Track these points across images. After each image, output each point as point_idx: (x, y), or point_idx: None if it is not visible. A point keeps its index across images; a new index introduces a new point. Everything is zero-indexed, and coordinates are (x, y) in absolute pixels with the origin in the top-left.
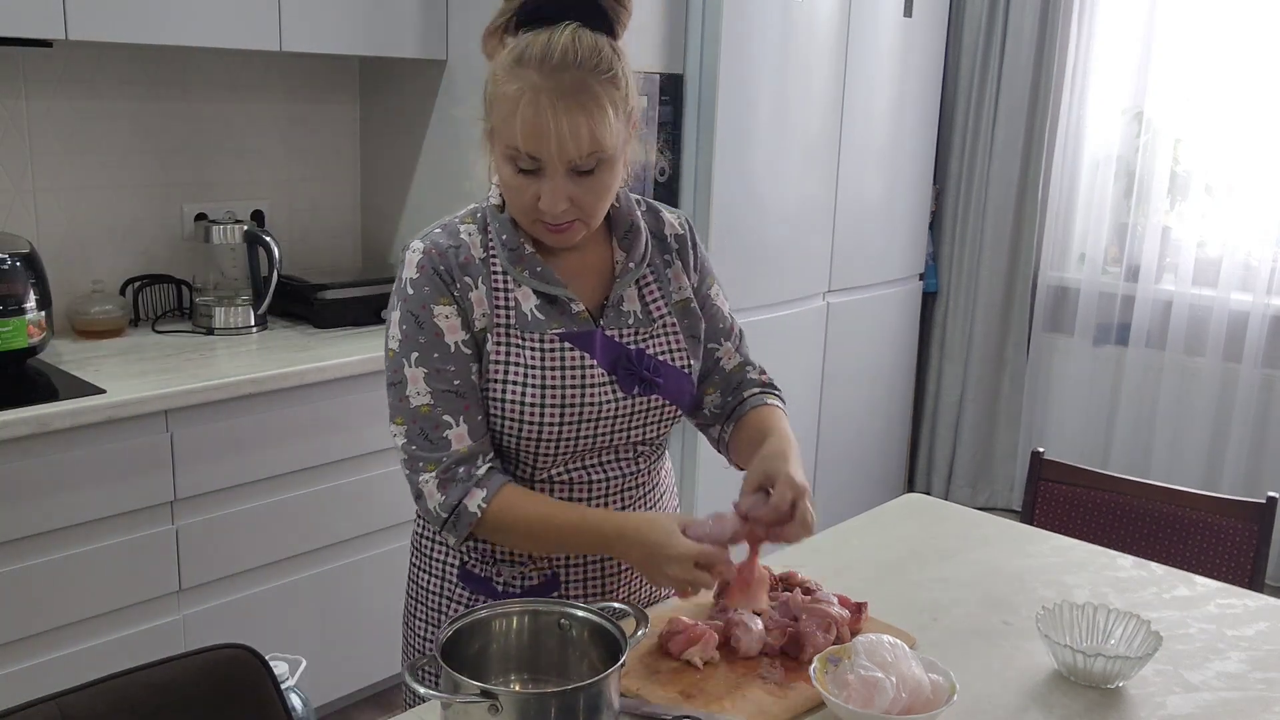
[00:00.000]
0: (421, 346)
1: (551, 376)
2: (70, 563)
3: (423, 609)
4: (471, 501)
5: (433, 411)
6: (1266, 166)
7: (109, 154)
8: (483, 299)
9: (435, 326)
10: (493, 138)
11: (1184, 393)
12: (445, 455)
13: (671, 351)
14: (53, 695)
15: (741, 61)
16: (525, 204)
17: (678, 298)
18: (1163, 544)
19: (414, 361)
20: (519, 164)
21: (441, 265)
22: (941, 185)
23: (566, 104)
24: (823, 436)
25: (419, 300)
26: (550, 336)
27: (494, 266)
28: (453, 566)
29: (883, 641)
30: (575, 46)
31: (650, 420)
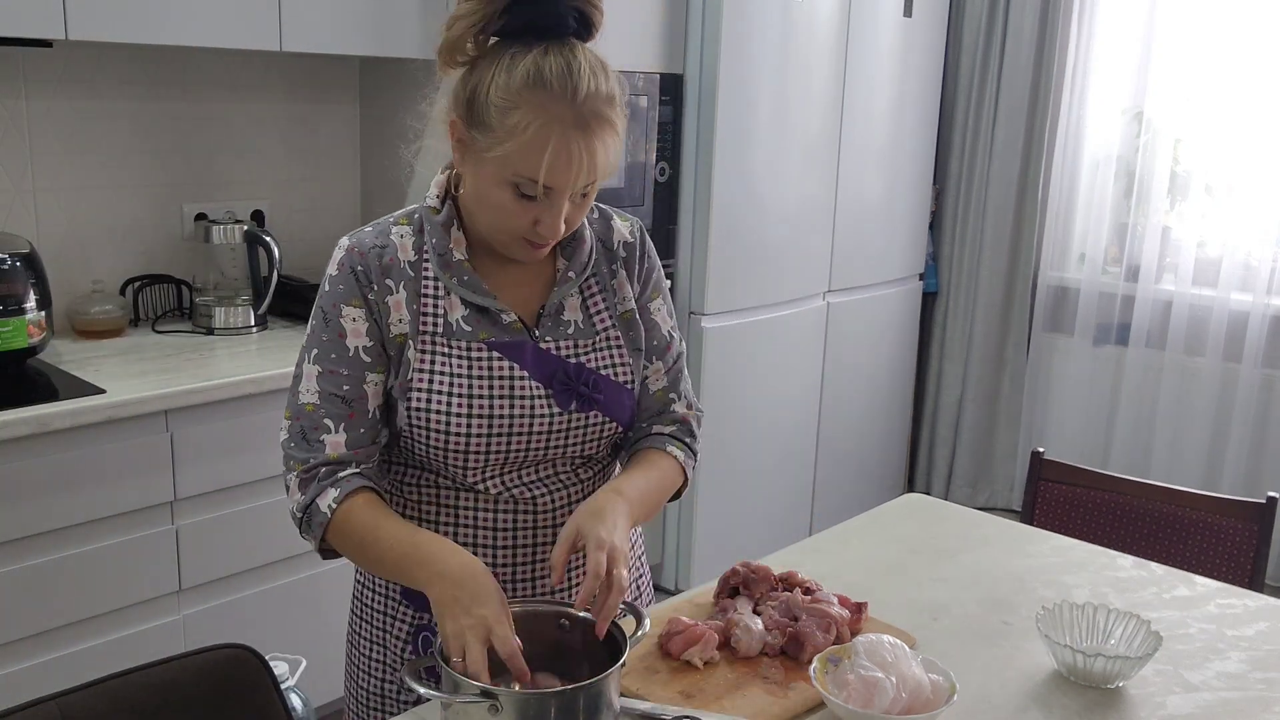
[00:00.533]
0: (322, 344)
1: (478, 386)
2: (70, 563)
3: (367, 628)
4: (324, 501)
5: (315, 412)
6: (1266, 166)
7: (109, 154)
8: (401, 304)
9: (340, 327)
10: (488, 159)
11: (1184, 393)
12: (313, 458)
13: (614, 365)
14: (53, 695)
15: (741, 61)
16: (518, 226)
17: (622, 309)
18: (1163, 544)
19: (312, 358)
20: (525, 191)
21: (360, 265)
22: (941, 185)
23: (590, 136)
24: (823, 436)
25: (331, 298)
26: (477, 345)
27: (426, 271)
28: (395, 586)
29: (883, 641)
30: (594, 75)
31: (589, 437)
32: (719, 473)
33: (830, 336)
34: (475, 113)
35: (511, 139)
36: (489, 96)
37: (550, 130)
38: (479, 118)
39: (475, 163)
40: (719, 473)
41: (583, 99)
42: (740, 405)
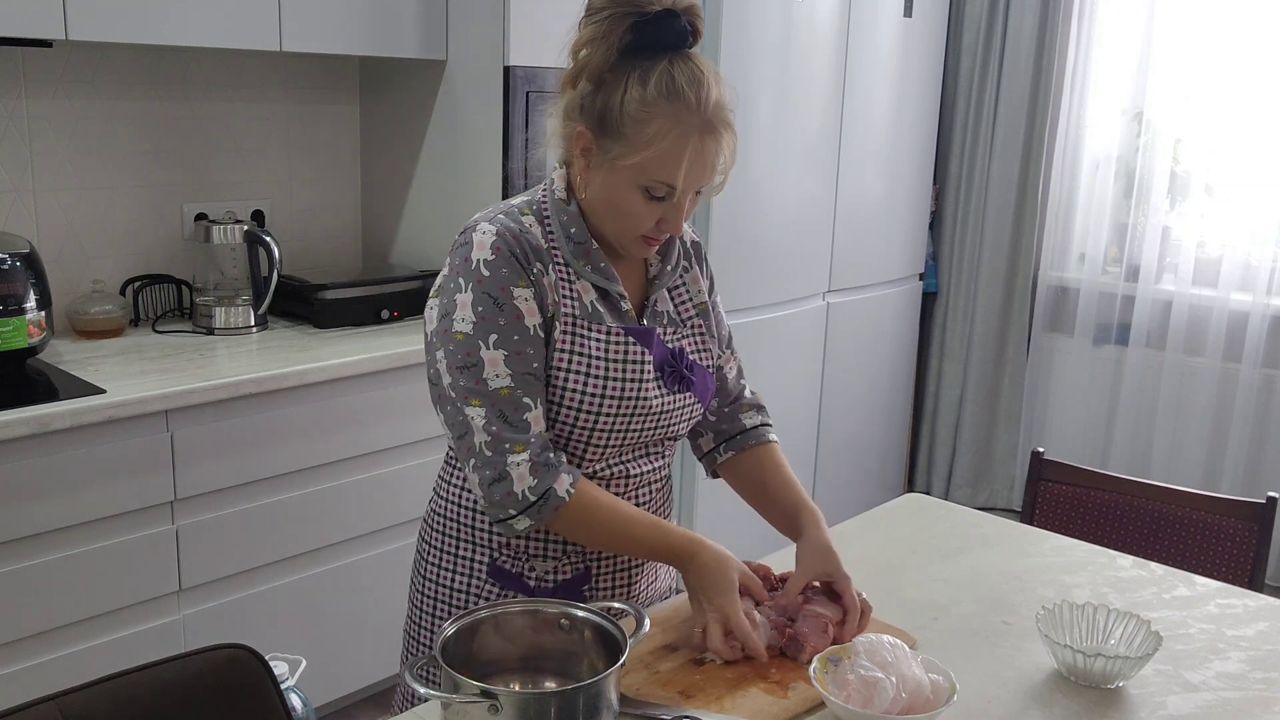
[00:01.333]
0: (501, 328)
1: (614, 369)
2: (70, 563)
3: (443, 608)
4: (560, 486)
5: (513, 394)
6: (1266, 166)
7: (109, 154)
8: (553, 285)
9: (515, 309)
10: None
11: (1184, 393)
12: (532, 438)
13: (699, 351)
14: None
15: (741, 62)
16: (644, 225)
17: (698, 300)
18: (1163, 544)
19: (493, 344)
20: (655, 194)
21: (517, 248)
22: (941, 185)
23: (719, 139)
24: (823, 436)
25: (497, 281)
26: (615, 330)
27: (556, 257)
28: (482, 564)
29: (883, 641)
30: (717, 83)
31: (682, 418)
32: None
33: (830, 336)
34: (609, 125)
35: (650, 148)
36: (623, 108)
37: (687, 138)
38: (614, 129)
39: (607, 170)
40: None
41: (711, 106)
42: None
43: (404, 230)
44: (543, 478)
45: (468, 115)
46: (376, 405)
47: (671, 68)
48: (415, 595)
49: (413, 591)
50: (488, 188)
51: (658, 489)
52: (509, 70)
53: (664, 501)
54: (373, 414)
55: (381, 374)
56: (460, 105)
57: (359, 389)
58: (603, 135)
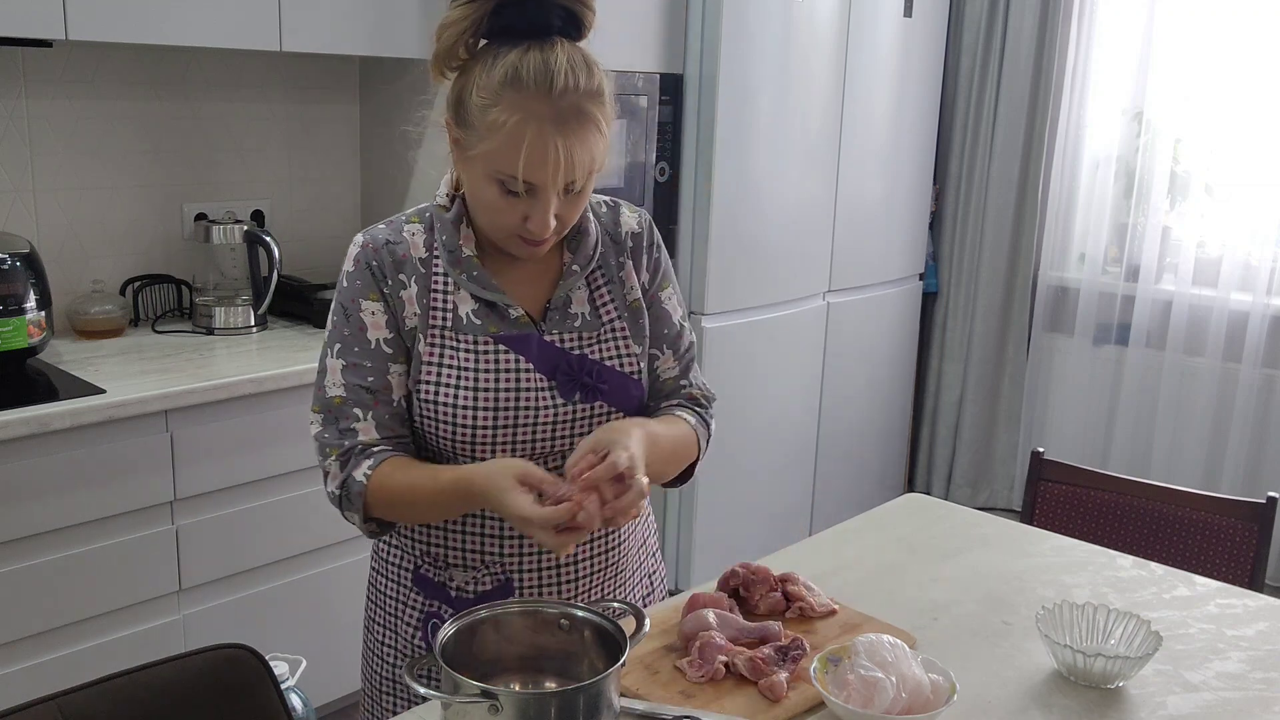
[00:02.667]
0: (345, 339)
1: (484, 379)
2: (70, 563)
3: (380, 613)
4: (359, 471)
5: (344, 404)
6: (1266, 166)
7: (109, 154)
8: (413, 299)
9: (360, 321)
10: (473, 157)
11: (1184, 393)
12: (349, 442)
13: (620, 356)
14: (53, 695)
15: (741, 61)
16: (509, 223)
17: (629, 299)
18: (1163, 544)
19: (336, 353)
20: (509, 188)
21: (374, 261)
22: (941, 185)
23: (568, 132)
24: (823, 436)
25: (349, 293)
26: (484, 339)
27: (436, 267)
28: (407, 571)
29: (883, 641)
30: (573, 72)
31: (594, 427)
32: (719, 473)
33: (830, 336)
34: (462, 113)
35: (491, 136)
36: (472, 96)
37: (526, 127)
38: (465, 117)
39: (465, 161)
40: (719, 473)
41: (559, 94)
42: (740, 405)
43: None
44: (346, 470)
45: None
46: None
47: (525, 54)
48: (367, 600)
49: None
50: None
51: None
52: None
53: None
54: None
55: None
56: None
57: None
58: (459, 124)
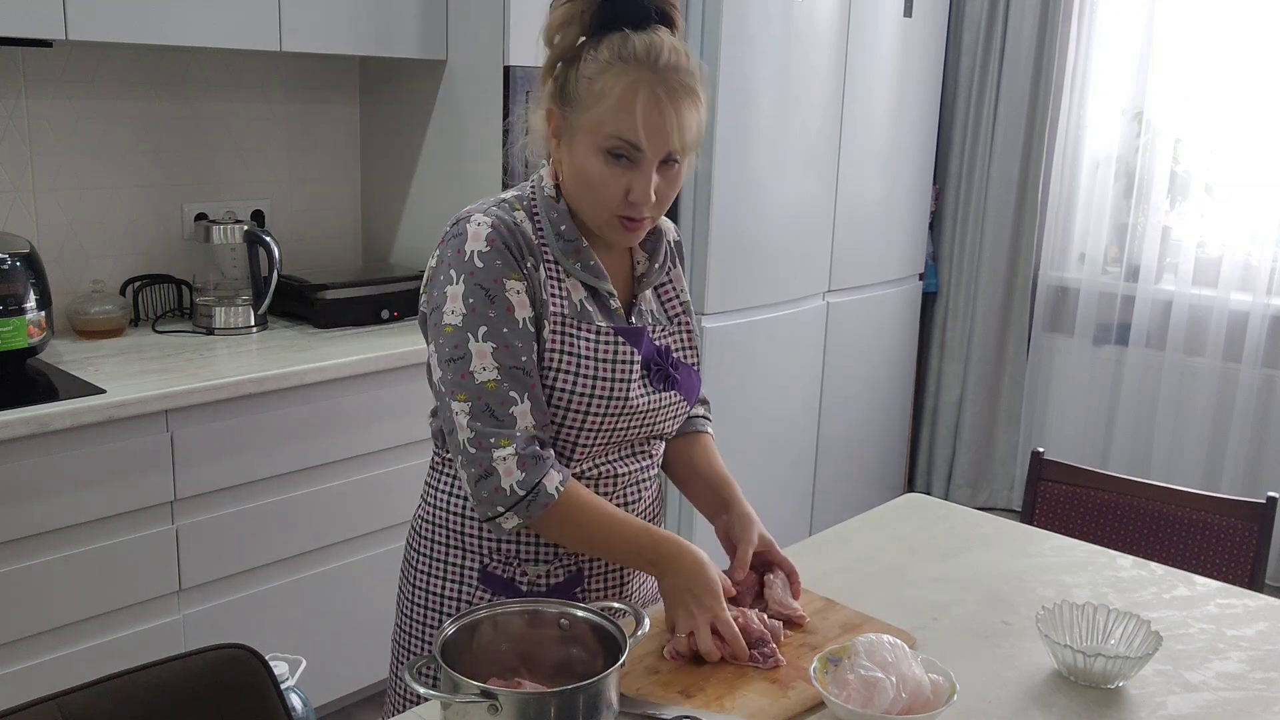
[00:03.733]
0: (491, 320)
1: (603, 369)
2: (70, 563)
3: (434, 616)
4: (550, 483)
5: (499, 388)
6: (1266, 166)
7: (109, 154)
8: (543, 283)
9: (507, 301)
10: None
11: (1184, 393)
12: (518, 431)
13: (684, 349)
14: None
15: (741, 61)
16: (612, 196)
17: (683, 299)
18: (1163, 544)
19: (481, 336)
20: (617, 153)
21: (512, 241)
22: (941, 185)
23: (676, 98)
24: (823, 436)
25: (490, 273)
26: (605, 329)
27: (546, 254)
28: (472, 570)
29: (883, 641)
30: (676, 51)
31: (667, 417)
32: None
33: (830, 336)
34: (569, 95)
35: (602, 102)
36: (579, 74)
37: (638, 88)
38: (570, 96)
39: (570, 139)
40: None
41: (664, 65)
42: (740, 405)
43: (404, 230)
44: (530, 472)
45: (468, 115)
46: (376, 405)
47: (629, 35)
48: (405, 603)
49: (402, 600)
50: (487, 188)
51: (646, 488)
52: (509, 70)
53: (653, 501)
54: (372, 414)
55: (381, 374)
56: (460, 105)
57: (359, 389)
58: (564, 106)
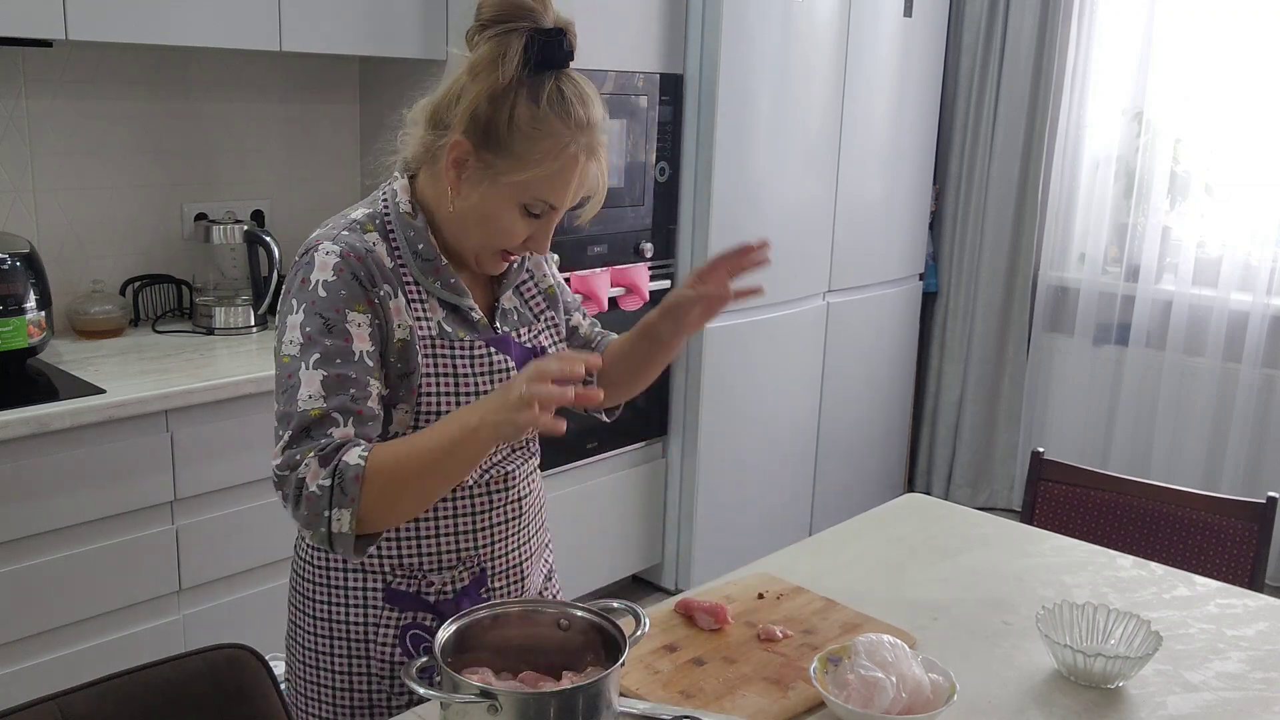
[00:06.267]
0: (326, 350)
1: (482, 383)
2: (70, 563)
3: (343, 646)
4: (350, 456)
5: (323, 418)
6: (1266, 166)
7: (109, 154)
8: (402, 309)
9: (345, 331)
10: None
11: (1184, 393)
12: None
13: (555, 343)
14: (53, 695)
15: (741, 61)
16: (511, 241)
17: (544, 285)
18: (1163, 544)
19: (313, 364)
20: (533, 211)
21: (362, 270)
22: (941, 185)
23: (595, 156)
24: (823, 436)
25: (331, 303)
26: (475, 343)
27: (405, 276)
28: (375, 591)
29: (883, 641)
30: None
31: None
32: (719, 473)
33: (830, 336)
34: (494, 139)
35: (540, 166)
36: (513, 123)
37: (576, 159)
38: (500, 143)
39: (488, 184)
40: (719, 473)
41: (591, 124)
42: (740, 405)
43: None
44: (329, 460)
45: None
46: None
47: (560, 84)
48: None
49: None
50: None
51: (534, 481)
52: None
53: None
54: None
55: None
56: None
57: None
58: (486, 149)
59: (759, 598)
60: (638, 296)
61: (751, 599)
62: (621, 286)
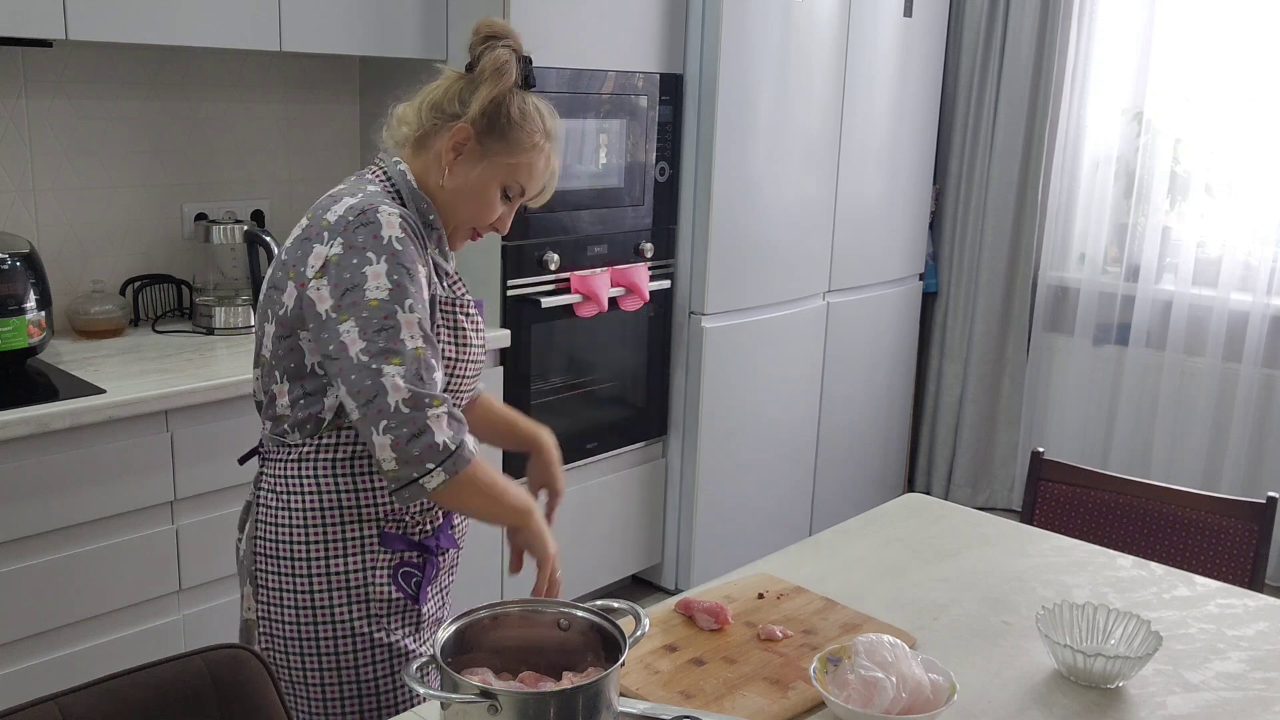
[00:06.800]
0: (414, 296)
1: (475, 339)
2: (70, 563)
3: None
4: (469, 441)
5: (424, 355)
6: (1266, 166)
7: (109, 154)
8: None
9: (420, 283)
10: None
11: (1184, 393)
12: (443, 394)
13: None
14: (53, 695)
15: (741, 61)
16: (485, 217)
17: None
18: (1163, 544)
19: (408, 308)
20: (509, 194)
21: (415, 232)
22: (941, 185)
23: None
24: (823, 436)
25: (409, 256)
26: (470, 305)
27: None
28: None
29: (883, 641)
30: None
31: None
32: (719, 473)
33: (830, 336)
34: (497, 129)
35: (526, 155)
36: (512, 117)
37: (552, 156)
38: (500, 132)
39: (479, 162)
40: (719, 473)
41: (555, 136)
42: (740, 405)
43: None
44: (457, 430)
45: None
46: None
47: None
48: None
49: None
50: None
51: None
52: None
53: None
54: None
55: None
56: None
57: None
58: (488, 135)
59: (759, 598)
60: (638, 296)
61: (751, 599)
62: (621, 286)
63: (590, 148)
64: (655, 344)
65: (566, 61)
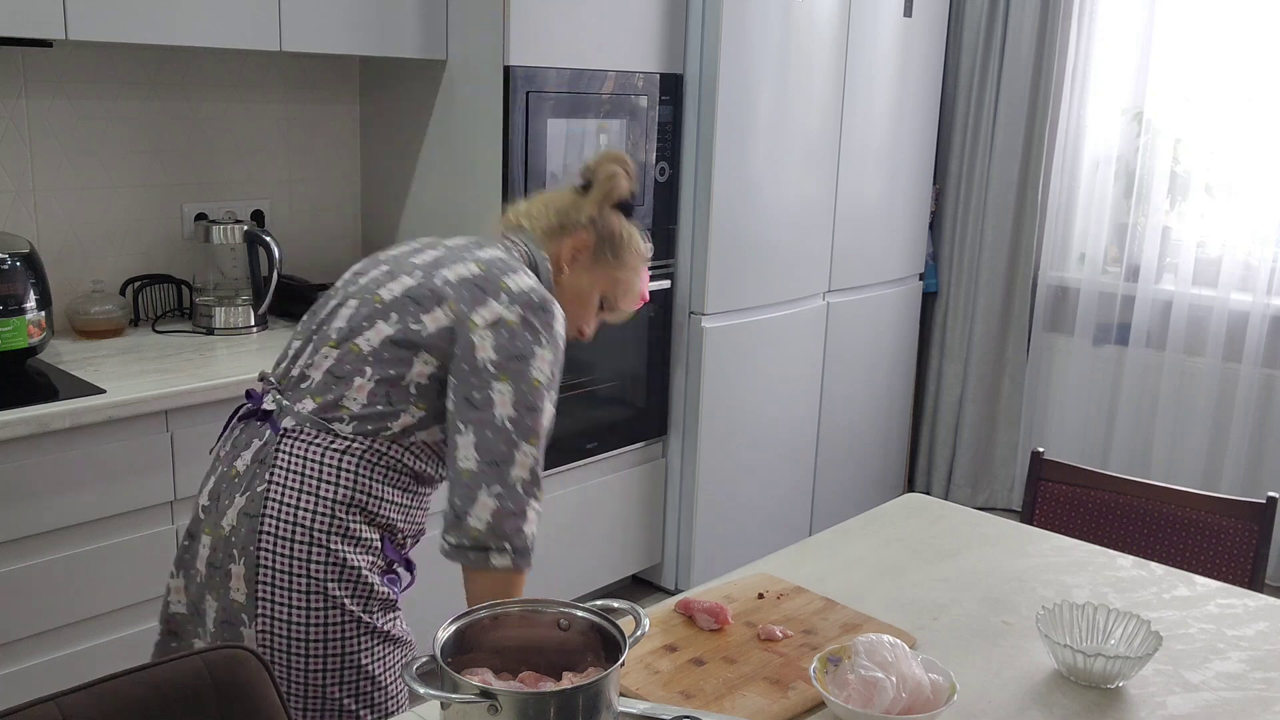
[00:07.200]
0: (553, 394)
1: None
2: (70, 563)
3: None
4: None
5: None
6: (1266, 166)
7: (109, 154)
8: None
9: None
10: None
11: (1184, 393)
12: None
13: None
14: (53, 695)
15: (741, 61)
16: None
17: None
18: (1163, 544)
19: (550, 401)
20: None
21: None
22: (941, 185)
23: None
24: (823, 436)
25: (560, 360)
26: None
27: None
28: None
29: (883, 641)
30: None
31: None
32: (719, 473)
33: (830, 336)
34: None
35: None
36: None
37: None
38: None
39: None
40: (719, 473)
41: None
42: (740, 405)
43: (404, 230)
44: (535, 535)
45: (468, 115)
46: None
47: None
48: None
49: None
50: (488, 188)
51: None
52: (509, 70)
53: None
54: None
55: None
56: (460, 105)
57: None
58: (604, 250)
59: (759, 598)
60: None
61: (751, 599)
62: None
63: (590, 148)
64: (655, 344)
65: (566, 61)
